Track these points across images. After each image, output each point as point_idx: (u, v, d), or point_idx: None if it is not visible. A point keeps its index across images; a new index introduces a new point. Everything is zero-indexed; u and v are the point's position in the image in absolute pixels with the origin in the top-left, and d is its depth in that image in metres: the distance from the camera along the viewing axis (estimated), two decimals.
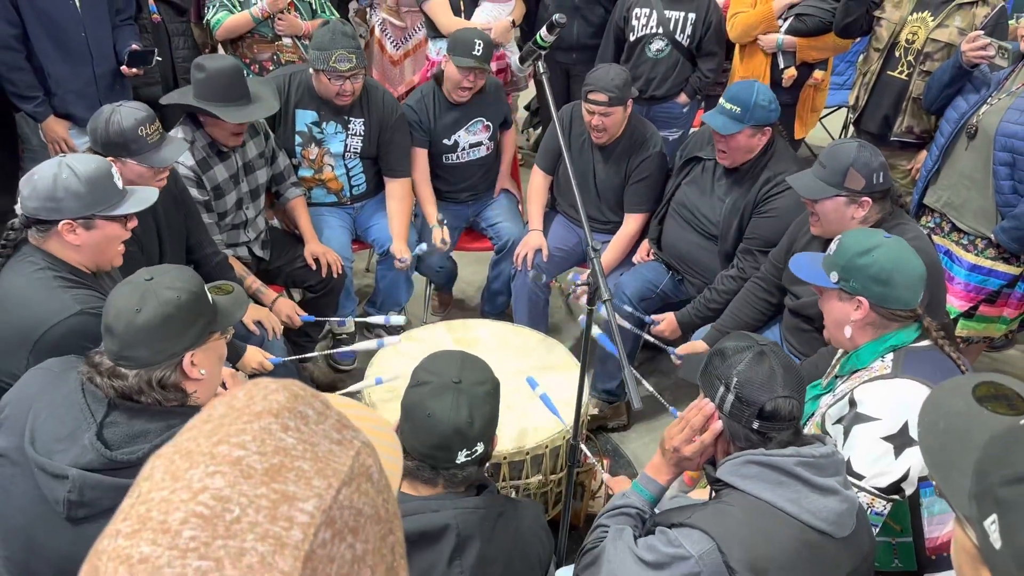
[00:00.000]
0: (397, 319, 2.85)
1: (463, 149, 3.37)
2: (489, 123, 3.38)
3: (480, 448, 1.46)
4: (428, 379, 1.48)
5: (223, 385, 2.13)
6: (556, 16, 1.91)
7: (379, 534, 0.57)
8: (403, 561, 0.61)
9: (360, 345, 2.58)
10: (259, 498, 0.52)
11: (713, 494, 1.51)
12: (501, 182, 3.58)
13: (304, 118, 3.09)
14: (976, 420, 0.89)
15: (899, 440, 1.68)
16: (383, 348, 2.51)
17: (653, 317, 2.91)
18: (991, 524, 0.76)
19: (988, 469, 0.79)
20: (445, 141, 3.33)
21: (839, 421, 1.81)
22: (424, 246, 3.18)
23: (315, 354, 2.91)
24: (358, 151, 3.19)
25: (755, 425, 1.44)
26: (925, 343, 1.82)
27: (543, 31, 1.95)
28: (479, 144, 3.40)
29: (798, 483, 1.39)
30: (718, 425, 1.50)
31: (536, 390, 2.27)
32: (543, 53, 1.99)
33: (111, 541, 0.52)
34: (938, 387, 0.99)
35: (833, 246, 1.90)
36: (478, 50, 3.08)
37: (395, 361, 2.46)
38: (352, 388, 2.40)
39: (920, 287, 1.81)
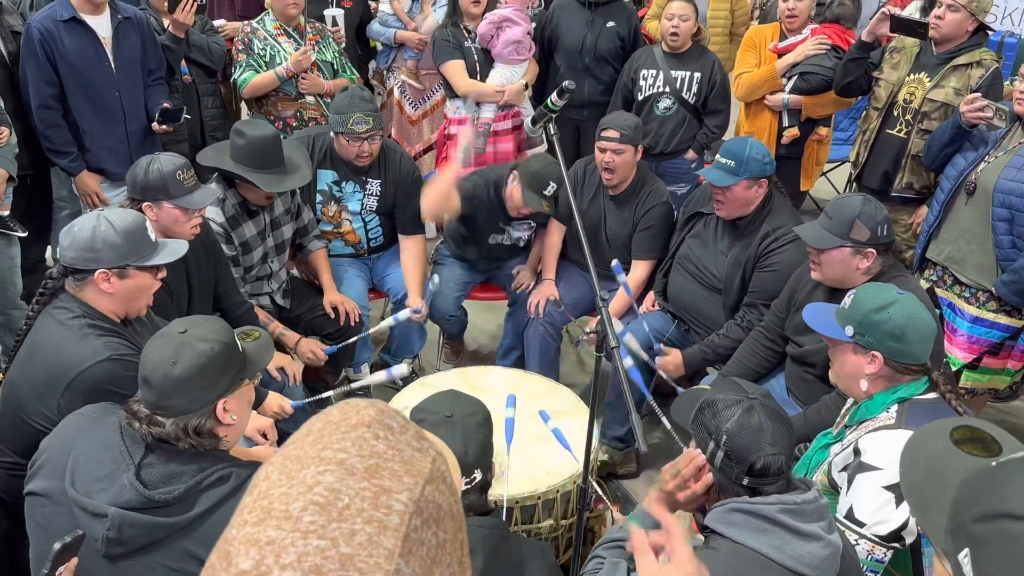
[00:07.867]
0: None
1: (507, 235, 3.48)
2: (534, 224, 3.49)
3: (478, 475, 1.54)
4: (423, 416, 1.61)
5: (264, 435, 2.22)
6: (566, 83, 2.02)
7: (453, 529, 0.67)
8: (468, 559, 0.70)
9: (372, 378, 2.67)
10: (363, 491, 0.62)
11: (703, 540, 1.55)
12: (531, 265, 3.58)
13: (325, 177, 3.22)
14: (953, 461, 0.95)
15: (900, 490, 1.72)
16: (392, 378, 2.65)
17: (661, 346, 2.98)
18: (964, 557, 0.83)
19: (961, 507, 0.86)
20: (501, 223, 3.41)
21: (844, 469, 1.86)
22: (436, 279, 3.24)
23: (330, 393, 2.96)
24: (374, 208, 3.32)
25: (745, 481, 1.47)
26: (932, 396, 1.87)
27: (553, 96, 2.05)
28: (519, 237, 3.52)
29: (782, 530, 1.42)
30: (709, 477, 1.53)
31: (549, 423, 2.32)
32: (554, 116, 2.10)
33: (239, 530, 0.61)
34: (920, 429, 1.04)
35: (848, 300, 1.96)
36: (550, 190, 3.09)
37: (409, 404, 2.54)
38: (364, 382, 2.54)
39: (931, 342, 1.87)
